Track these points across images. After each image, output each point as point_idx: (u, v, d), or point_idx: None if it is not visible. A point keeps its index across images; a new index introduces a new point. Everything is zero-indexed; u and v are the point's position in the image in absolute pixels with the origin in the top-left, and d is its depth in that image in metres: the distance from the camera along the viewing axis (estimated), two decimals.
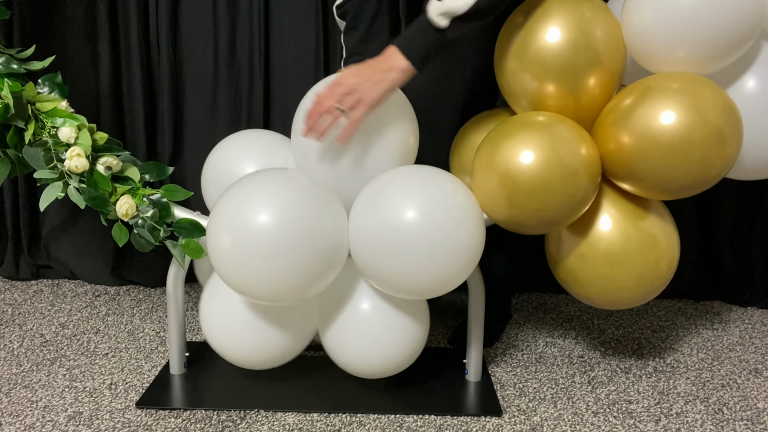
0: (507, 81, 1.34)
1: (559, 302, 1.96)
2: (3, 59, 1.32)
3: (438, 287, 1.23)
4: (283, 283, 1.18)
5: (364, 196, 1.25)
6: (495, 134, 1.28)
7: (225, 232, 1.19)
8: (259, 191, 1.20)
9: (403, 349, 1.32)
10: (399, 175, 1.25)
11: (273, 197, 1.18)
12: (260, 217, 1.16)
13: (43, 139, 1.31)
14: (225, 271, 1.21)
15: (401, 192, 1.20)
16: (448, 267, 1.20)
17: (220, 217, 1.21)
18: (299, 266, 1.18)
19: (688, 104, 1.18)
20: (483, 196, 1.27)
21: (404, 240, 1.17)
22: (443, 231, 1.18)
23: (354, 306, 1.31)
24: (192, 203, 1.45)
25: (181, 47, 1.87)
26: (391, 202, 1.19)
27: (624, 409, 1.40)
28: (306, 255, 1.17)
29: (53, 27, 1.87)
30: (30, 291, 1.96)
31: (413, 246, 1.17)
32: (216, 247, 1.20)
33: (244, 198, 1.20)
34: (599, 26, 1.26)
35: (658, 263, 1.33)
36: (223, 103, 1.90)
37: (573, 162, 1.21)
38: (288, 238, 1.16)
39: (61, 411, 1.35)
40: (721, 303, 1.96)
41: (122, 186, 1.35)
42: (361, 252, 1.23)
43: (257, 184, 1.22)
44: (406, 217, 1.17)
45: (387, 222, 1.18)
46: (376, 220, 1.20)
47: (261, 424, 1.31)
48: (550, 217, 1.24)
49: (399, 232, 1.17)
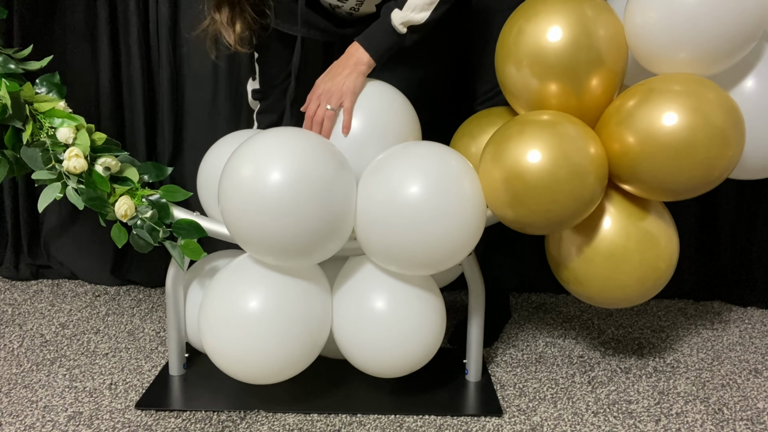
0: (508, 80, 1.33)
1: (559, 302, 1.95)
2: (0, 59, 1.31)
3: (441, 260, 1.25)
4: (289, 239, 1.19)
5: (370, 170, 1.28)
6: (501, 133, 1.27)
7: (235, 186, 1.20)
8: (272, 146, 1.22)
9: (419, 349, 1.31)
10: (401, 150, 1.29)
11: (286, 154, 1.20)
12: (273, 175, 1.18)
13: (41, 139, 1.31)
14: (234, 223, 1.22)
15: (405, 166, 1.24)
16: (450, 239, 1.22)
17: (237, 163, 1.22)
18: (307, 224, 1.19)
19: (690, 106, 1.18)
20: (490, 196, 1.27)
21: (407, 213, 1.20)
22: (446, 204, 1.21)
23: (369, 304, 1.30)
24: (191, 204, 1.44)
25: (181, 47, 1.87)
26: (394, 176, 1.23)
27: (624, 409, 1.40)
28: (315, 213, 1.19)
29: (53, 27, 1.87)
30: (30, 291, 1.96)
31: (416, 219, 1.20)
32: (226, 200, 1.22)
33: (258, 152, 1.22)
34: (602, 26, 1.25)
35: (657, 262, 1.33)
36: (223, 103, 1.89)
37: (581, 161, 1.21)
38: (297, 194, 1.17)
39: (61, 411, 1.35)
40: (721, 303, 1.96)
41: (121, 186, 1.34)
42: (367, 225, 1.25)
43: (272, 140, 1.24)
44: (411, 190, 1.21)
45: (390, 196, 1.22)
46: (381, 193, 1.23)
47: (261, 425, 1.31)
48: (558, 217, 1.23)
49: (402, 206, 1.21)
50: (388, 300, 1.29)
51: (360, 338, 1.31)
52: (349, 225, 1.27)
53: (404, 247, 1.22)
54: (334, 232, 1.24)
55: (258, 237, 1.21)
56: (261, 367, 1.27)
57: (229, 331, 1.26)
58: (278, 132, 1.27)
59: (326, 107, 1.32)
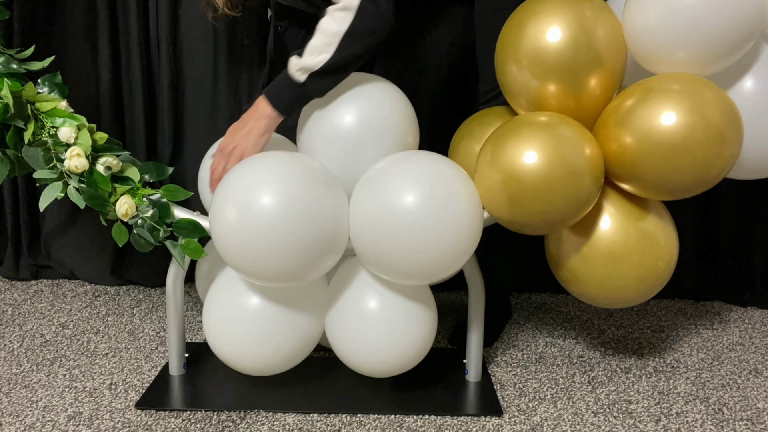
0: (507, 80, 1.34)
1: (559, 302, 1.96)
2: (2, 59, 1.32)
3: (436, 271, 1.25)
4: (283, 263, 1.21)
5: (364, 180, 1.28)
6: (498, 134, 1.28)
7: (228, 209, 1.21)
8: (263, 170, 1.23)
9: (411, 348, 1.31)
10: (397, 160, 1.28)
11: (276, 178, 1.21)
12: (263, 198, 1.18)
13: (43, 139, 1.31)
14: (227, 249, 1.23)
15: (400, 177, 1.23)
16: (446, 250, 1.22)
17: (224, 194, 1.23)
18: (299, 248, 1.20)
19: (688, 105, 1.18)
20: (486, 197, 1.27)
21: (403, 224, 1.20)
22: (441, 214, 1.20)
23: (361, 304, 1.31)
24: (192, 203, 1.44)
25: (181, 47, 1.87)
26: (389, 187, 1.22)
27: (624, 409, 1.40)
28: (306, 236, 1.19)
29: (53, 27, 1.87)
30: (30, 291, 1.96)
31: (412, 230, 1.19)
32: (219, 224, 1.22)
33: (249, 176, 1.22)
34: (601, 26, 1.26)
35: (656, 262, 1.33)
36: (223, 103, 1.89)
37: (577, 162, 1.21)
38: (289, 219, 1.18)
39: (61, 411, 1.35)
40: (721, 303, 1.96)
41: (122, 186, 1.35)
42: (361, 237, 1.25)
43: (262, 164, 1.25)
44: (405, 201, 1.20)
45: (386, 207, 1.21)
46: (375, 205, 1.22)
47: (261, 424, 1.31)
48: (554, 217, 1.24)
49: (398, 217, 1.20)
50: (379, 299, 1.30)
51: (351, 336, 1.32)
52: (343, 240, 1.27)
53: (399, 259, 1.22)
54: (328, 252, 1.25)
55: (251, 266, 1.22)
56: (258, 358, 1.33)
57: (228, 324, 1.32)
58: (263, 158, 1.27)
59: (224, 167, 1.32)
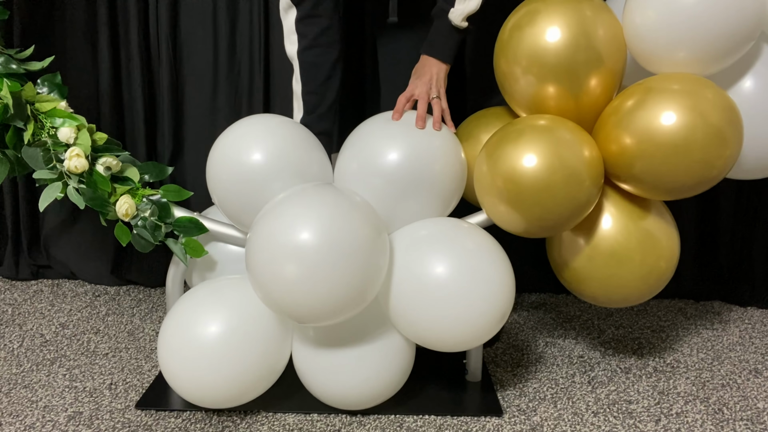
0: (507, 81, 1.34)
1: (559, 302, 1.96)
2: (2, 59, 1.32)
3: (470, 340, 1.25)
4: (317, 306, 1.17)
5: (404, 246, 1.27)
6: (497, 138, 1.28)
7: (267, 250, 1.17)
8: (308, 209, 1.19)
9: (381, 385, 1.30)
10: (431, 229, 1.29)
11: (324, 217, 1.17)
12: (303, 237, 1.14)
13: (43, 139, 1.32)
14: (262, 289, 1.20)
15: (433, 250, 1.24)
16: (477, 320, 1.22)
17: (260, 235, 1.19)
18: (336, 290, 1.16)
19: (688, 105, 1.18)
20: (486, 201, 1.27)
21: (435, 296, 1.20)
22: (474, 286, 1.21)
23: (334, 334, 1.28)
24: (192, 203, 1.45)
25: (181, 47, 1.87)
26: (423, 259, 1.23)
27: (624, 409, 1.40)
28: (346, 279, 1.16)
29: (53, 27, 1.87)
30: (30, 291, 1.96)
31: (444, 296, 1.20)
32: (255, 265, 1.19)
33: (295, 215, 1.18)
34: (600, 26, 1.26)
35: (657, 261, 1.33)
36: (223, 103, 1.90)
37: (576, 165, 1.21)
38: (333, 261, 1.14)
39: (61, 411, 1.35)
40: (721, 303, 1.96)
41: (122, 186, 1.35)
42: (398, 301, 1.25)
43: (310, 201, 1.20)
44: (437, 271, 1.21)
45: (420, 278, 1.22)
46: (410, 275, 1.23)
47: (261, 424, 1.31)
48: (554, 220, 1.24)
49: (430, 289, 1.21)
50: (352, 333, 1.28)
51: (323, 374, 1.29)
52: (373, 294, 1.23)
53: (431, 329, 1.23)
54: (358, 300, 1.20)
55: (285, 304, 1.19)
56: (217, 391, 1.26)
57: (187, 355, 1.25)
58: (317, 194, 1.22)
59: (432, 96, 1.35)
